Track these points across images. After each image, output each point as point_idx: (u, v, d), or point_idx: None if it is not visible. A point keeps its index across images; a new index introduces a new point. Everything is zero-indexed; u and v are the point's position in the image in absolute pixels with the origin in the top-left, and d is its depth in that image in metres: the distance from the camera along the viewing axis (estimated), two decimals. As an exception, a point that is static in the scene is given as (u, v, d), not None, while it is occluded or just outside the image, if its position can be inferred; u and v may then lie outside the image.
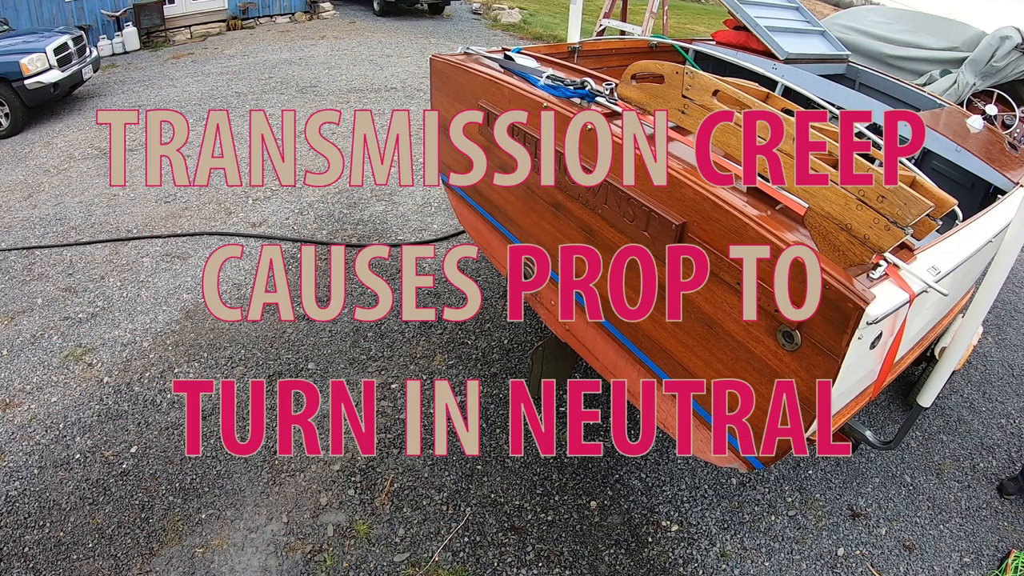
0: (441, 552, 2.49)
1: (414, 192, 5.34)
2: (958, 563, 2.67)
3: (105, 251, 4.36)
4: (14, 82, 6.35)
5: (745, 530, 2.70)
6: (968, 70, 4.78)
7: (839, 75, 4.26)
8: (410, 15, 13.10)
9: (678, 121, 1.94)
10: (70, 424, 2.96)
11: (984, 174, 3.03)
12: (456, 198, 3.24)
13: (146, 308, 3.78)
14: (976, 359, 3.99)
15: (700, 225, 1.71)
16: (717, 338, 1.77)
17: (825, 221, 1.52)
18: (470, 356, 3.52)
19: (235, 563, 2.40)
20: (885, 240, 1.42)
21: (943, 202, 1.71)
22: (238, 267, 4.19)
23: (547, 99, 2.23)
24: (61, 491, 2.65)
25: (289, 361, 3.40)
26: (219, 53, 9.54)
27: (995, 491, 3.03)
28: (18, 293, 3.89)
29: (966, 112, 3.65)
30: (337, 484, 2.73)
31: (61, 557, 2.39)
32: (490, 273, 4.26)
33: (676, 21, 14.33)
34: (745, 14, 4.13)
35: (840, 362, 1.45)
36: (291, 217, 4.83)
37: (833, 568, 2.59)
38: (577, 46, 3.64)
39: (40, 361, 3.35)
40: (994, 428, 3.45)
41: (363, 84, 8.22)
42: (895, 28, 5.44)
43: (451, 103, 2.88)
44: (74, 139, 6.36)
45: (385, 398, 3.20)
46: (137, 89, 7.88)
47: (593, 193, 2.07)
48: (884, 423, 3.37)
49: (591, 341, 2.44)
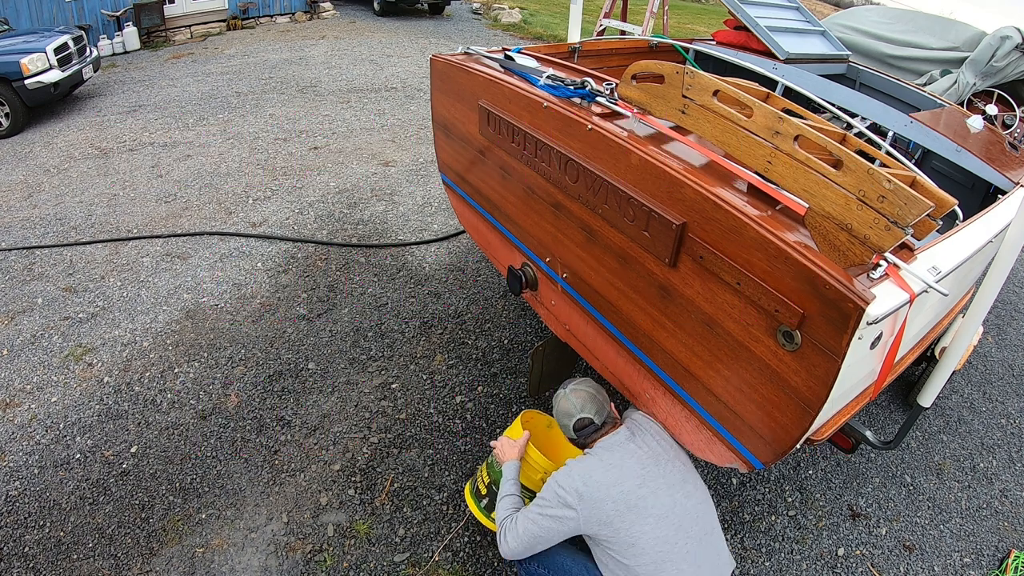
0: (441, 552, 2.49)
1: (414, 192, 5.34)
2: (958, 563, 2.67)
3: (105, 251, 4.36)
4: (14, 82, 6.36)
5: (745, 530, 2.70)
6: (968, 70, 4.77)
7: (839, 75, 4.26)
8: (410, 15, 13.11)
9: (678, 121, 1.94)
10: (70, 424, 2.96)
11: (984, 174, 3.03)
12: (456, 197, 3.25)
13: (146, 308, 3.78)
14: (976, 359, 3.99)
15: (700, 225, 1.71)
16: (717, 338, 1.77)
17: (825, 221, 1.52)
18: (470, 356, 3.52)
19: (235, 563, 2.40)
20: (885, 240, 1.42)
21: (943, 202, 1.71)
22: (238, 267, 4.19)
23: (547, 99, 2.23)
24: (61, 491, 2.65)
25: (289, 361, 3.40)
26: (219, 53, 9.55)
27: (996, 491, 3.03)
28: (18, 293, 3.89)
29: (966, 112, 3.65)
30: (337, 484, 2.73)
31: (61, 557, 2.39)
32: (490, 273, 4.26)
33: (676, 21, 14.33)
34: (745, 14, 4.13)
35: (840, 362, 1.45)
36: (291, 217, 4.83)
37: (833, 568, 2.59)
38: (577, 46, 3.64)
39: (40, 361, 3.35)
40: (994, 428, 3.45)
41: (363, 84, 8.22)
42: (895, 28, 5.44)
43: (451, 103, 2.88)
44: (74, 139, 6.36)
45: (385, 398, 3.20)
46: (137, 89, 7.88)
47: (593, 193, 2.07)
48: (884, 423, 3.37)
49: (591, 341, 2.44)
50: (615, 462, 1.90)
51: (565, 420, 2.07)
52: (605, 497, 1.81)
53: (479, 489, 2.38)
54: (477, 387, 3.31)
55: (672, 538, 1.81)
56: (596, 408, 2.05)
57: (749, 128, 1.70)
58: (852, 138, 1.96)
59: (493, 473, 2.31)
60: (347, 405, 3.14)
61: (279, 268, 4.20)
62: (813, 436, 1.85)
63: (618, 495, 1.82)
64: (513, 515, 1.99)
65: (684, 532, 1.83)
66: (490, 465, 2.35)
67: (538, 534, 1.88)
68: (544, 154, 2.27)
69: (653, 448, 1.98)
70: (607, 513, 1.81)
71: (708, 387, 1.88)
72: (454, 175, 3.16)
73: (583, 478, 1.87)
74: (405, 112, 7.31)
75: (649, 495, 1.83)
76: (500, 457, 2.24)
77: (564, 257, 2.39)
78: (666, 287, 1.90)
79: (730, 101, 1.80)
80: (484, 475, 2.38)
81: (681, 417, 2.06)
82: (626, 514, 1.80)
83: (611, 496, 1.81)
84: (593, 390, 2.10)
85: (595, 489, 1.83)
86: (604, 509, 1.81)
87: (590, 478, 1.86)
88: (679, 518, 1.84)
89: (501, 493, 2.11)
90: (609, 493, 1.82)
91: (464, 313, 3.86)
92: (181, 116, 6.90)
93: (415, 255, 4.45)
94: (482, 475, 2.39)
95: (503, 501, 2.08)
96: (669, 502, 1.85)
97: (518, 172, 2.50)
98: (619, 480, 1.84)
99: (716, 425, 1.91)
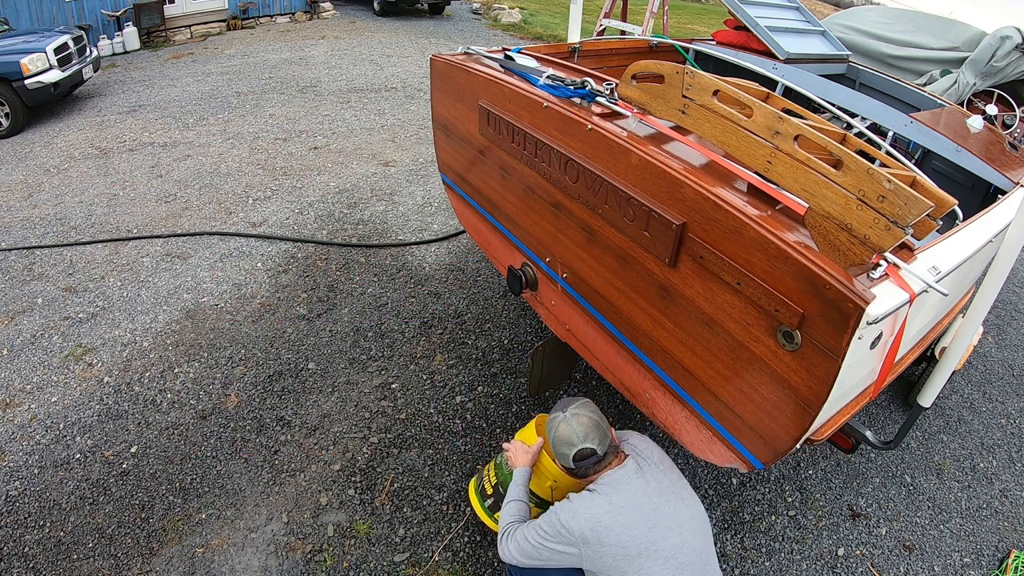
0: (441, 552, 2.49)
1: (414, 192, 5.34)
2: (958, 563, 2.67)
3: (105, 251, 4.36)
4: (14, 82, 6.36)
5: (745, 530, 2.70)
6: (968, 70, 4.77)
7: (839, 75, 4.26)
8: (410, 15, 13.11)
9: (678, 121, 1.94)
10: (70, 424, 2.96)
11: (984, 174, 3.03)
12: (456, 197, 3.25)
13: (146, 308, 3.78)
14: (976, 359, 3.99)
15: (700, 225, 1.71)
16: (717, 338, 1.77)
17: (825, 221, 1.52)
18: (470, 356, 3.52)
19: (235, 563, 2.40)
20: (885, 240, 1.42)
21: (943, 202, 1.71)
22: (238, 267, 4.19)
23: (547, 99, 2.23)
24: (61, 491, 2.65)
25: (289, 361, 3.40)
26: (219, 53, 9.55)
27: (996, 491, 3.03)
28: (18, 293, 3.89)
29: (966, 112, 3.65)
30: (337, 484, 2.73)
31: (61, 557, 2.39)
32: (490, 273, 4.26)
33: (676, 21, 14.33)
34: (745, 14, 4.13)
35: (840, 362, 1.45)
36: (291, 217, 4.83)
37: (833, 568, 2.59)
38: (577, 46, 3.64)
39: (40, 361, 3.35)
40: (994, 428, 3.45)
41: (363, 84, 8.22)
42: (895, 28, 5.44)
43: (451, 103, 2.88)
44: (74, 139, 6.36)
45: (385, 398, 3.20)
46: (137, 89, 7.88)
47: (593, 193, 2.07)
48: (884, 423, 3.37)
49: (591, 341, 2.44)
50: (625, 504, 1.77)
51: (564, 449, 1.90)
52: (614, 543, 1.72)
53: (484, 488, 2.34)
54: (477, 387, 3.31)
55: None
56: (599, 437, 1.87)
57: (749, 128, 1.70)
58: (852, 138, 1.96)
59: (501, 474, 2.28)
60: (347, 405, 3.14)
61: (279, 268, 4.20)
62: (813, 436, 1.85)
63: (628, 541, 1.72)
64: (518, 524, 1.93)
65: (689, 569, 1.75)
66: (499, 466, 2.32)
67: (536, 557, 1.82)
68: (544, 154, 2.27)
69: (661, 482, 1.85)
70: (615, 557, 1.72)
71: (708, 387, 1.88)
72: (454, 175, 3.16)
73: (590, 523, 1.74)
74: (405, 112, 7.31)
75: (659, 539, 1.73)
76: (512, 461, 2.16)
77: (564, 257, 2.39)
78: (666, 287, 1.90)
79: (730, 101, 1.80)
80: (491, 475, 2.34)
81: (681, 417, 2.06)
82: (636, 559, 1.71)
83: (621, 542, 1.72)
84: (596, 416, 1.93)
85: (603, 534, 1.72)
86: (612, 553, 1.72)
87: (598, 523, 1.74)
88: (686, 556, 1.75)
89: (508, 497, 2.06)
90: (619, 539, 1.72)
91: (464, 313, 3.86)
92: (181, 116, 6.90)
93: (415, 255, 4.45)
94: (489, 474, 2.36)
95: (509, 505, 2.03)
96: (678, 542, 1.75)
97: (518, 172, 2.50)
98: (630, 526, 1.73)
99: (716, 425, 1.91)
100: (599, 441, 1.87)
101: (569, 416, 1.92)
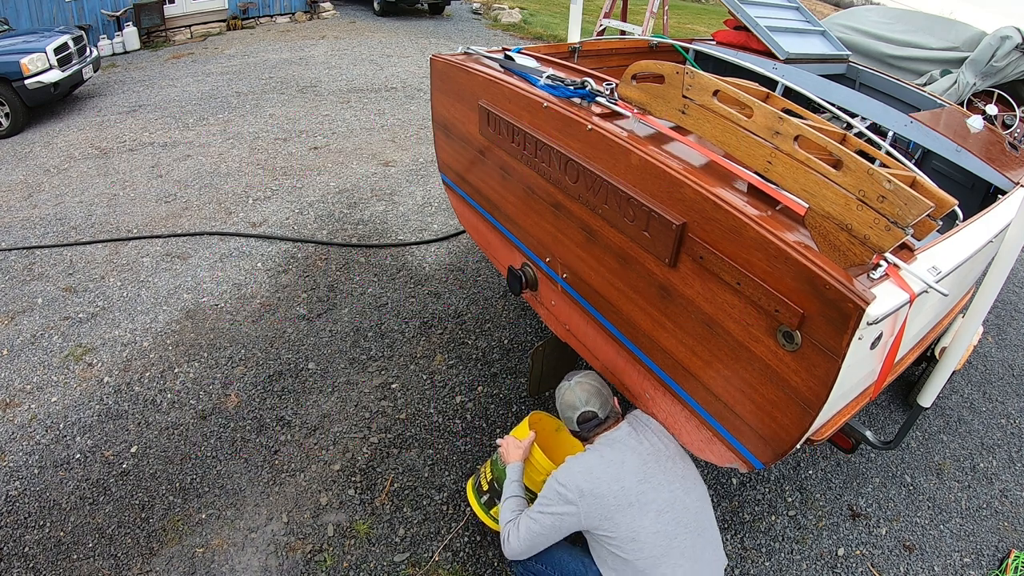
0: (441, 552, 2.49)
1: (414, 192, 5.34)
2: (958, 563, 2.67)
3: (105, 251, 4.36)
4: (14, 82, 6.36)
5: (745, 530, 2.70)
6: (968, 70, 4.78)
7: (839, 75, 4.26)
8: (410, 15, 13.11)
9: (678, 121, 1.94)
10: (70, 424, 2.96)
11: (984, 174, 3.03)
12: (456, 197, 3.24)
13: (146, 308, 3.78)
14: (976, 359, 3.99)
15: (700, 225, 1.71)
16: (717, 338, 1.77)
17: (825, 221, 1.52)
18: (470, 356, 3.52)
19: (235, 563, 2.40)
20: (885, 240, 1.42)
21: (943, 202, 1.71)
22: (238, 267, 4.19)
23: (547, 99, 2.23)
24: (61, 491, 2.65)
25: (289, 361, 3.40)
26: (219, 53, 9.55)
27: (996, 491, 3.03)
28: (18, 293, 3.89)
29: (966, 112, 3.65)
30: (337, 484, 2.73)
31: (61, 557, 2.39)
32: (490, 273, 4.26)
33: (676, 21, 14.33)
34: (745, 14, 4.13)
35: (840, 362, 1.45)
36: (291, 217, 4.83)
37: (833, 568, 2.59)
38: (577, 46, 3.64)
39: (40, 361, 3.35)
40: (994, 428, 3.45)
41: (363, 84, 8.22)
42: (895, 28, 5.44)
43: (451, 103, 2.88)
44: (74, 139, 6.36)
45: (385, 398, 3.20)
46: (137, 89, 7.88)
47: (593, 193, 2.07)
48: (884, 423, 3.37)
49: (591, 341, 2.44)
50: (616, 458, 1.91)
51: (569, 412, 2.08)
52: (607, 492, 1.83)
53: (481, 485, 2.40)
54: (477, 387, 3.31)
55: (671, 532, 1.83)
56: (600, 402, 2.06)
57: (749, 128, 1.70)
58: (852, 138, 1.96)
59: (496, 471, 2.33)
60: (347, 405, 3.14)
61: (279, 268, 4.20)
62: (813, 436, 1.85)
63: (619, 490, 1.84)
64: (516, 518, 2.01)
65: (683, 526, 1.85)
66: (494, 462, 2.37)
67: (540, 532, 1.90)
68: (544, 154, 2.27)
69: (654, 444, 2.00)
70: (608, 508, 1.83)
71: (708, 387, 1.88)
72: (454, 175, 3.16)
73: (584, 474, 1.88)
74: (405, 112, 7.31)
75: (650, 490, 1.85)
76: (505, 457, 2.25)
77: (564, 257, 2.39)
78: (666, 287, 1.90)
79: (730, 101, 1.80)
80: (487, 472, 2.40)
81: (681, 417, 2.06)
82: (627, 509, 1.82)
83: (612, 492, 1.83)
84: (598, 384, 2.11)
85: (596, 485, 1.85)
86: (605, 504, 1.83)
87: (591, 474, 1.87)
88: (678, 513, 1.86)
89: (505, 495, 2.13)
90: (610, 488, 1.84)
91: (464, 313, 3.86)
92: (181, 116, 6.90)
93: (415, 255, 4.45)
94: (485, 472, 2.42)
95: (507, 503, 2.09)
96: (669, 497, 1.87)
97: (518, 172, 2.50)
98: (620, 476, 1.86)
99: (716, 425, 1.91)
100: (600, 405, 2.06)
101: (574, 383, 2.12)
